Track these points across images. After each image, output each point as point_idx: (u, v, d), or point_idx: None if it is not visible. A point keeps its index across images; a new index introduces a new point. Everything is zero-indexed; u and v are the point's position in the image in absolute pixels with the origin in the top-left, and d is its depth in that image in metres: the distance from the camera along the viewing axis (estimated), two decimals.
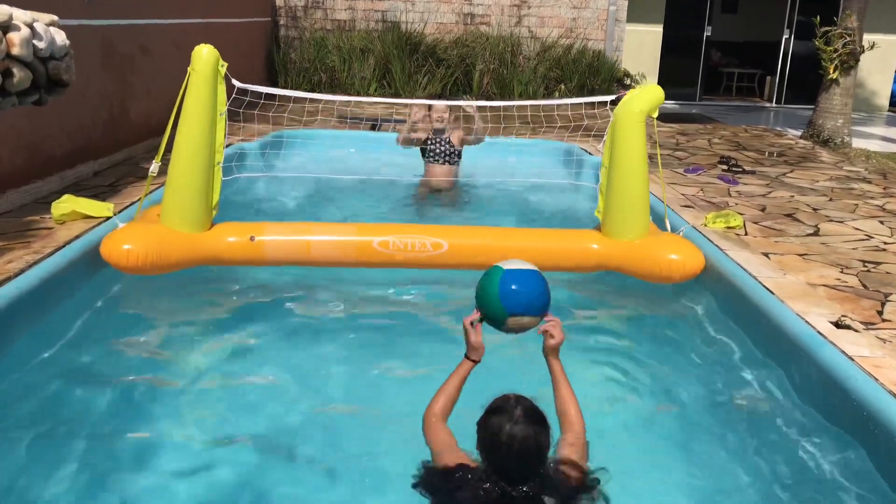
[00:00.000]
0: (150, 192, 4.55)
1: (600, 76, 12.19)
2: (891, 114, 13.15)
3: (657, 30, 13.09)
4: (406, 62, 11.99)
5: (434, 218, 5.79)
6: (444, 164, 6.12)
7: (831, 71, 9.19)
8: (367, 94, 12.02)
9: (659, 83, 12.90)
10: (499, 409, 2.12)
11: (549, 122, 6.33)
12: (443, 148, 6.08)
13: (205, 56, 4.12)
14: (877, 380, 2.98)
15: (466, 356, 2.56)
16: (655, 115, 4.42)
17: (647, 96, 4.39)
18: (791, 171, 7.37)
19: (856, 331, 3.50)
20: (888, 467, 2.67)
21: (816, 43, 9.28)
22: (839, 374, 3.04)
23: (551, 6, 12.67)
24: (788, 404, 3.26)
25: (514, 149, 7.72)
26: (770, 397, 3.36)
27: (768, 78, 14.36)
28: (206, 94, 4.14)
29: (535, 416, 2.10)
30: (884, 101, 13.46)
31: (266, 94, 4.81)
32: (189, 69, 4.11)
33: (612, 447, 3.08)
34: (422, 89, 12.00)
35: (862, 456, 2.81)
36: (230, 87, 4.32)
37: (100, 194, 5.38)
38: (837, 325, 3.55)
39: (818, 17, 9.36)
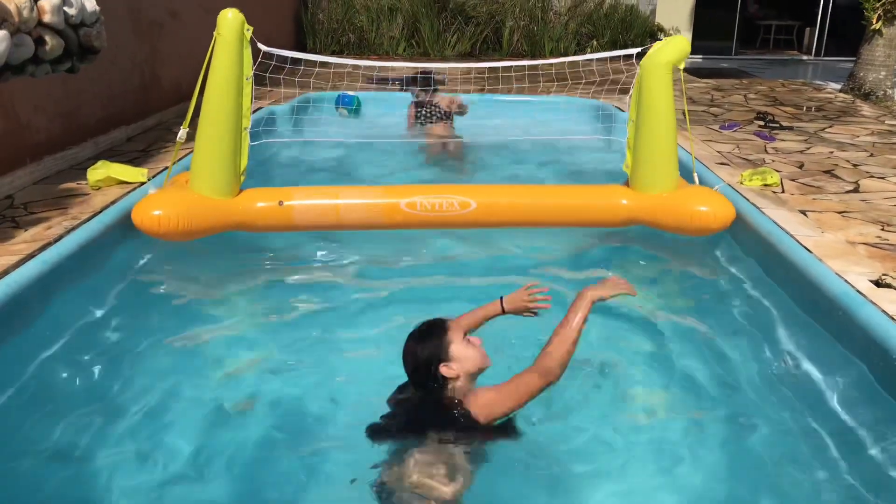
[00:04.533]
0: (180, 159, 4.57)
1: (633, 31, 11.94)
2: None
3: None
4: (435, 21, 11.84)
5: (454, 174, 5.86)
6: (437, 122, 6.65)
7: (874, 21, 8.87)
8: (396, 54, 11.94)
9: (693, 38, 12.65)
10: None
11: (578, 79, 6.25)
12: (432, 110, 6.66)
13: (230, 20, 4.07)
14: None
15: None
16: (682, 66, 4.32)
17: (673, 47, 4.28)
18: (830, 126, 7.18)
19: None
20: None
21: None
22: (879, 333, 2.99)
23: None
24: (827, 364, 3.21)
25: (544, 107, 7.61)
26: (808, 358, 3.31)
27: (807, 30, 13.93)
28: (232, 59, 4.09)
29: (418, 335, 2.57)
30: None
31: (293, 56, 4.78)
32: (214, 34, 4.06)
33: (646, 401, 3.11)
34: (451, 48, 11.87)
35: None
36: (256, 52, 4.29)
37: (133, 160, 5.43)
38: (878, 283, 3.48)
39: None
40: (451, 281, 4.23)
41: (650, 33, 12.08)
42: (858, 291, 3.35)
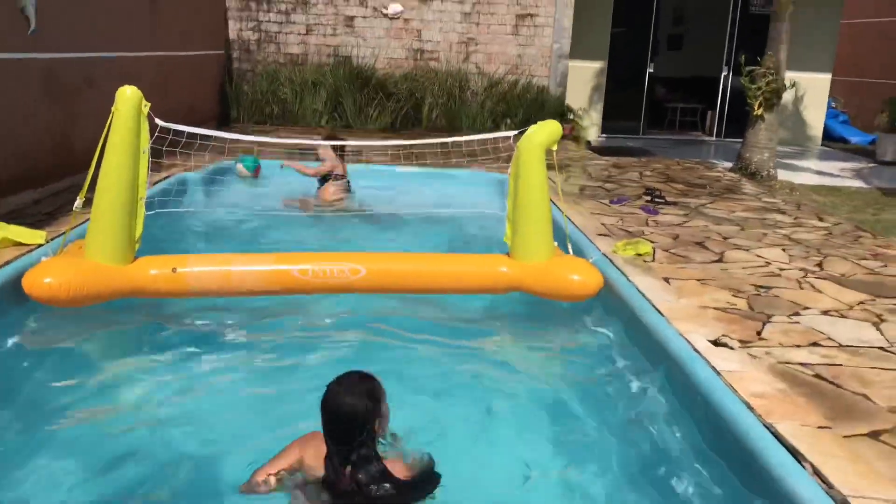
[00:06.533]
0: (77, 226, 4.72)
1: (545, 111, 12.62)
2: (824, 148, 13.76)
3: (601, 66, 13.59)
4: (357, 96, 12.32)
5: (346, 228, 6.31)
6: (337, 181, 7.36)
7: (756, 107, 9.69)
8: (320, 126, 12.33)
9: (603, 117, 13.46)
10: (336, 379, 2.51)
11: (490, 153, 6.69)
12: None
13: (128, 97, 4.31)
14: (735, 390, 3.28)
15: None
16: (555, 147, 4.74)
17: (546, 130, 4.70)
18: (712, 202, 7.76)
19: (731, 348, 3.81)
20: (739, 471, 2.97)
21: (743, 81, 9.80)
22: (704, 386, 3.35)
23: (498, 44, 13.15)
24: (665, 413, 3.55)
25: (452, 180, 8.03)
26: (650, 406, 3.64)
27: (709, 112, 14.95)
28: (128, 133, 4.30)
29: (352, 385, 2.48)
30: (817, 134, 14.09)
31: (217, 128, 5.02)
32: (112, 109, 4.28)
33: (508, 457, 3.36)
34: (373, 122, 12.34)
35: (721, 463, 3.10)
36: (153, 126, 4.52)
37: (37, 222, 5.54)
38: (715, 343, 3.87)
39: (744, 57, 9.92)
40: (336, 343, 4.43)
41: (560, 113, 12.79)
42: (695, 349, 3.73)
